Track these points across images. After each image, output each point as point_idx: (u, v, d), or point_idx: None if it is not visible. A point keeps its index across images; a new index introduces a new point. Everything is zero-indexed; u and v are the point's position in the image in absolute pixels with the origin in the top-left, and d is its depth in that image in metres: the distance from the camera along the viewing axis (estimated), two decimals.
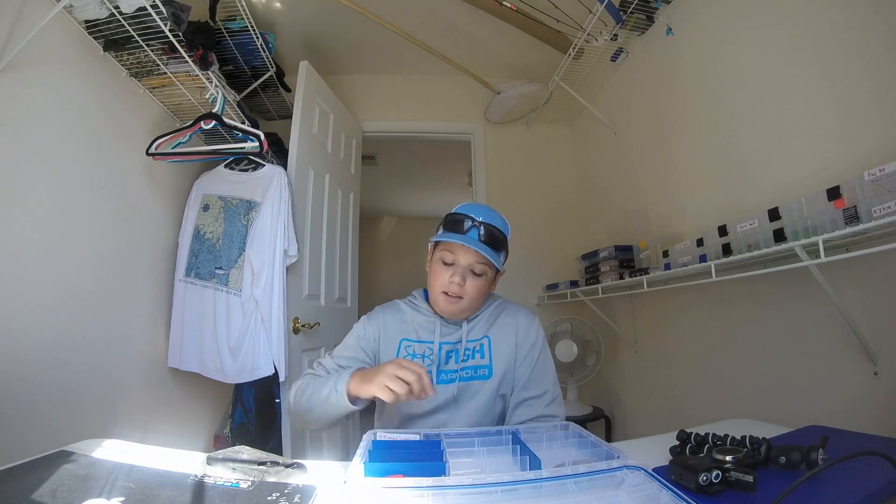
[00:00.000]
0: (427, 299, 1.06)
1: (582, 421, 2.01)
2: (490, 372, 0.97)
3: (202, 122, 1.54)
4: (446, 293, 0.95)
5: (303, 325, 1.79)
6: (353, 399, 0.82)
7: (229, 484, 0.60)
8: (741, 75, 1.40)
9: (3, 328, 1.08)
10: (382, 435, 0.76)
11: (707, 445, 0.68)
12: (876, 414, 1.01)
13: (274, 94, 2.27)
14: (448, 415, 0.96)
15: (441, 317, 1.01)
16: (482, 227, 0.94)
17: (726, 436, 0.69)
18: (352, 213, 2.40)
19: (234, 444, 0.78)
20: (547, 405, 0.96)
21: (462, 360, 0.98)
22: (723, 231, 1.25)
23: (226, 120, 1.55)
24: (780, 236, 1.06)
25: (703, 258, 1.32)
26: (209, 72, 1.56)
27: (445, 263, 0.96)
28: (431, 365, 0.96)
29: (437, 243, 1.00)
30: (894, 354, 0.98)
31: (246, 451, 0.68)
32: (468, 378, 0.97)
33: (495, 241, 0.95)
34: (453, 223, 0.95)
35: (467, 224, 0.94)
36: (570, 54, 2.02)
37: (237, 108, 1.78)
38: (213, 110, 1.54)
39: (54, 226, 1.25)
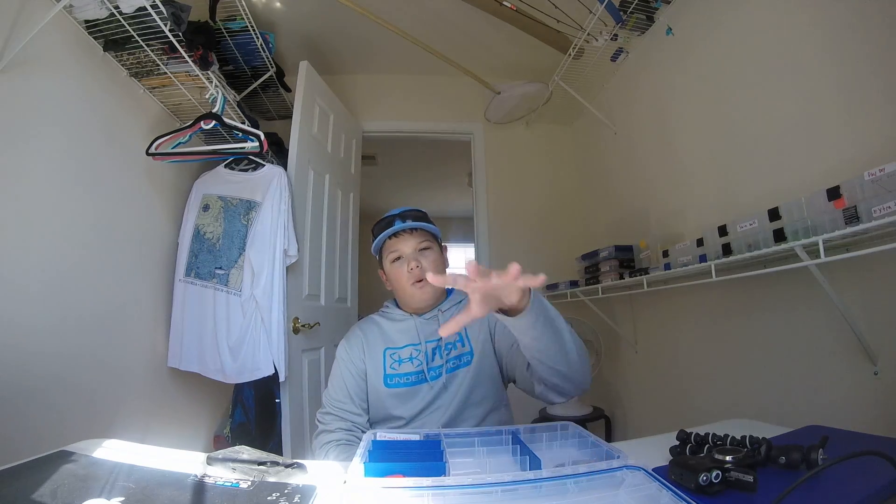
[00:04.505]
0: (398, 306, 1.13)
1: (582, 421, 2.01)
2: (471, 357, 1.03)
3: (202, 122, 1.54)
4: (412, 283, 1.03)
5: (303, 325, 1.79)
6: None
7: (229, 484, 0.60)
8: (741, 75, 1.40)
9: (2, 328, 1.08)
10: (382, 435, 0.76)
11: (707, 445, 0.68)
12: (876, 414, 1.01)
13: (274, 94, 2.27)
14: (443, 401, 1.01)
15: (416, 317, 1.07)
16: (402, 215, 1.06)
17: (726, 436, 0.69)
18: (352, 213, 2.40)
19: (234, 444, 0.78)
20: None
21: (447, 353, 1.04)
22: (723, 231, 1.25)
23: (226, 120, 1.55)
24: (780, 236, 1.06)
25: (703, 258, 1.32)
26: (209, 72, 1.56)
27: (396, 261, 1.05)
28: (421, 364, 1.02)
29: (381, 255, 1.09)
30: (894, 354, 0.98)
31: (246, 451, 0.68)
32: (455, 368, 1.03)
33: (420, 216, 1.07)
34: (379, 227, 1.07)
35: (389, 221, 1.06)
36: (570, 54, 2.02)
37: (237, 108, 1.78)
38: (213, 110, 1.54)
39: (54, 225, 1.25)
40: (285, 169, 1.78)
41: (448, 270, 1.10)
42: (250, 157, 1.74)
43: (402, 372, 1.02)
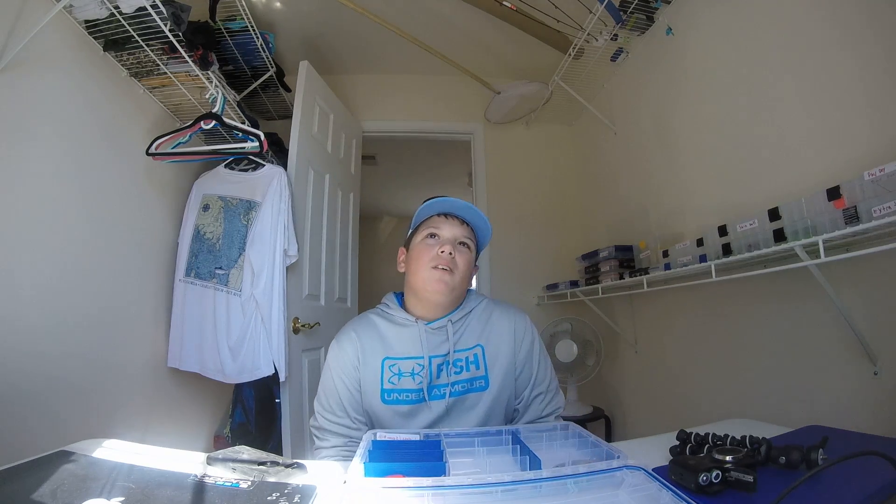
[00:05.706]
0: (401, 304, 0.99)
1: (582, 421, 2.01)
2: (487, 383, 0.92)
3: (202, 122, 1.53)
4: (436, 267, 0.90)
5: (303, 325, 1.79)
6: None
7: (229, 484, 0.60)
8: (741, 75, 1.40)
9: (3, 328, 1.08)
10: (382, 435, 0.76)
11: (707, 445, 0.68)
12: (876, 414, 1.01)
13: (274, 94, 2.27)
14: (447, 426, 0.92)
15: (422, 324, 0.93)
16: (457, 200, 0.95)
17: (726, 436, 0.69)
18: (352, 213, 2.40)
19: (234, 444, 0.78)
20: (553, 396, 0.99)
21: (455, 373, 0.91)
22: (723, 231, 1.25)
23: (226, 120, 1.55)
24: (780, 236, 1.06)
25: (703, 258, 1.32)
26: (209, 72, 1.56)
27: (431, 237, 0.94)
28: (423, 382, 0.90)
29: (414, 232, 0.98)
30: (894, 354, 0.98)
31: (246, 451, 0.68)
32: (463, 392, 0.91)
33: (479, 216, 0.96)
34: (429, 207, 0.96)
35: (443, 201, 0.95)
36: (570, 54, 2.02)
37: (237, 108, 1.78)
38: (213, 110, 1.54)
39: (54, 226, 1.25)
40: (285, 169, 1.79)
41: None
42: (250, 157, 1.74)
43: (403, 388, 0.90)
